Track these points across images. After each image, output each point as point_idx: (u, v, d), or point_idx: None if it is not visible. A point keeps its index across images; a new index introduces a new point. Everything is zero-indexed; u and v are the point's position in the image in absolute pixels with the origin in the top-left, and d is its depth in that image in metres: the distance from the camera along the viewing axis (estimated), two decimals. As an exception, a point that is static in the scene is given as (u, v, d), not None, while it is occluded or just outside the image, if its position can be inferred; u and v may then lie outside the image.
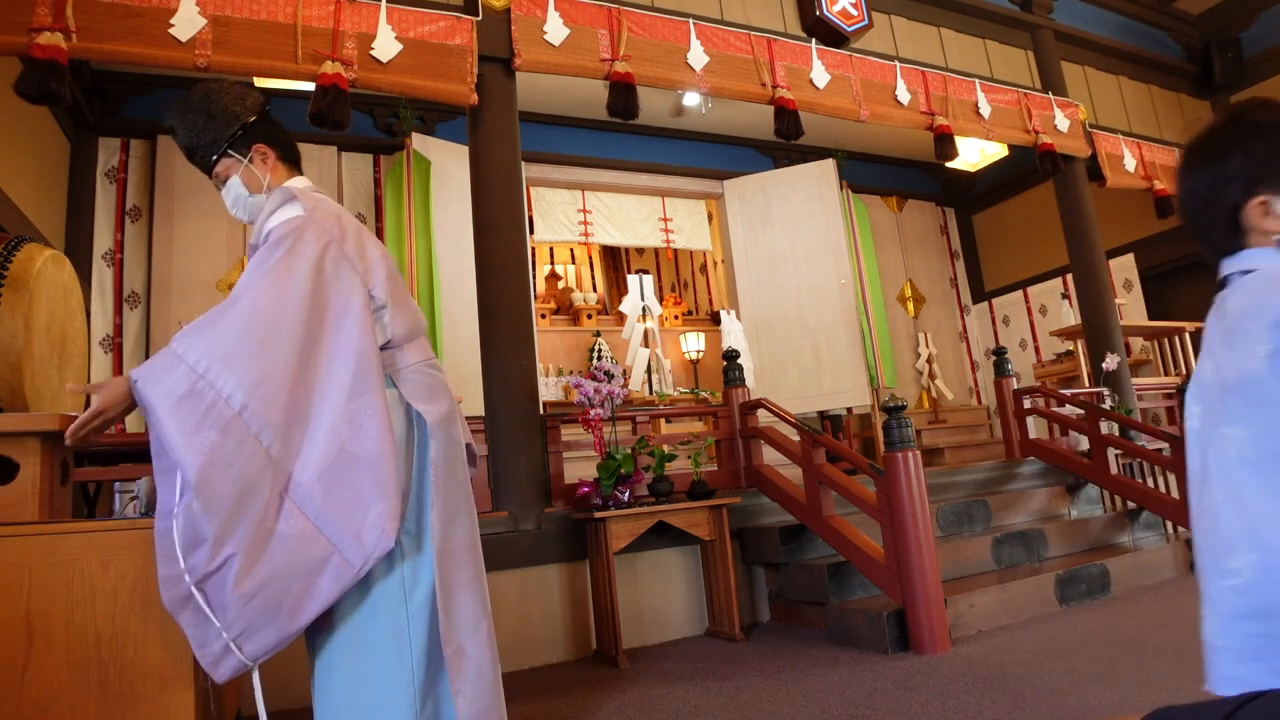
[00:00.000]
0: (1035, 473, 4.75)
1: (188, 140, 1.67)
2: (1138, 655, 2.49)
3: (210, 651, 1.37)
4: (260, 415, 1.43)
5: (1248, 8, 6.51)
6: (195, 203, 5.15)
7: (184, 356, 1.42)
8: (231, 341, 1.44)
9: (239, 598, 1.36)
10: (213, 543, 1.37)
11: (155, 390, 1.39)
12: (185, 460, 1.37)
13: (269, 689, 2.84)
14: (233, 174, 1.68)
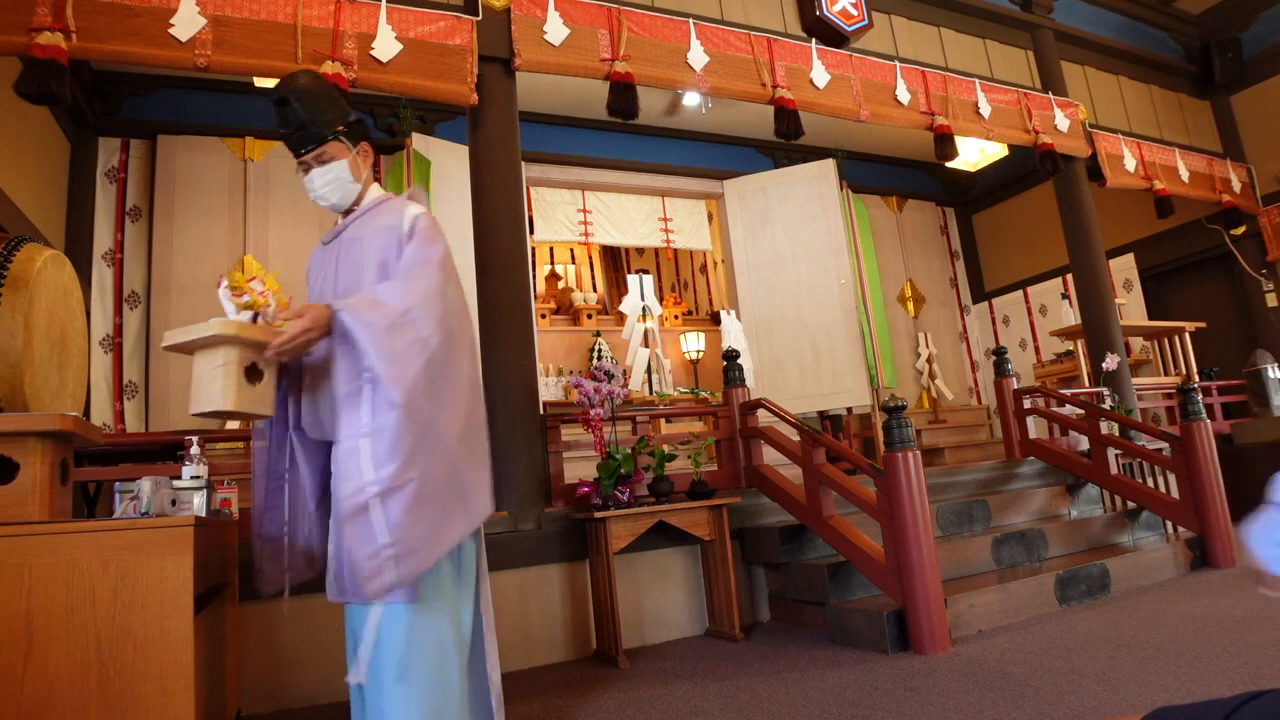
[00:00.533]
0: (1035, 473, 4.75)
1: (307, 114, 1.76)
2: (1138, 655, 2.49)
3: (374, 563, 1.50)
4: (441, 361, 1.63)
5: (1248, 8, 6.51)
6: (195, 203, 5.16)
7: (384, 299, 1.61)
8: (425, 293, 1.65)
9: (408, 520, 1.52)
10: (403, 463, 1.53)
11: (359, 320, 1.57)
12: (394, 382, 1.55)
13: (270, 690, 2.85)
14: (341, 158, 1.80)
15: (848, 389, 6.19)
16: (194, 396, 1.59)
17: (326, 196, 1.81)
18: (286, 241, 5.34)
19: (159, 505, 1.85)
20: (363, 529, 1.51)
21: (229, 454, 4.65)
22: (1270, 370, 5.87)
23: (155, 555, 1.56)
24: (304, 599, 2.94)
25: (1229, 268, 6.66)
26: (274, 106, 1.75)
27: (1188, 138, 6.45)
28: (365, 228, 1.81)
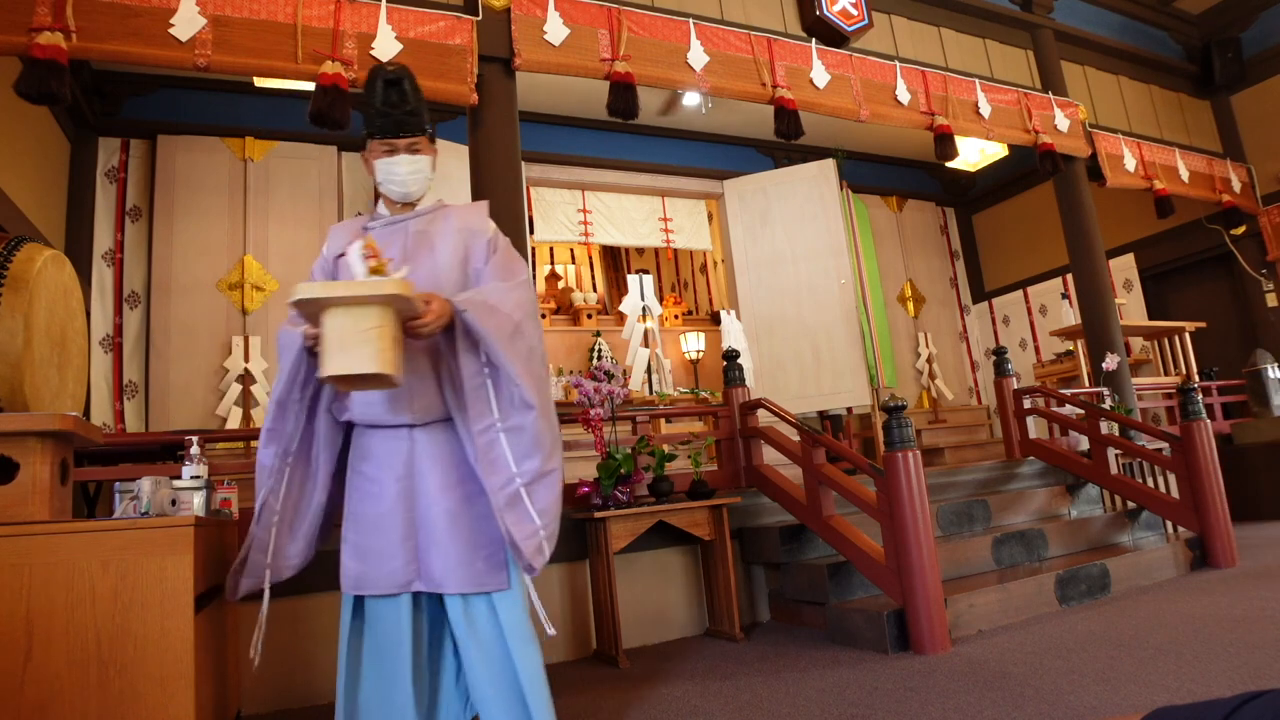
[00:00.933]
0: (1035, 473, 4.75)
1: (415, 102, 1.82)
2: (1138, 655, 2.49)
3: (534, 543, 1.68)
4: (542, 366, 1.79)
5: (1248, 8, 6.51)
6: (195, 203, 5.16)
7: (498, 306, 1.71)
8: (530, 307, 1.78)
9: (549, 506, 1.71)
10: (545, 456, 1.71)
11: (485, 326, 1.68)
12: (527, 386, 1.70)
13: (270, 690, 2.84)
14: (428, 154, 1.86)
15: (848, 389, 6.19)
16: (334, 355, 1.52)
17: (407, 184, 1.82)
18: (286, 241, 5.34)
19: (159, 505, 1.85)
20: (521, 515, 1.68)
21: (229, 454, 4.65)
22: (1270, 370, 5.87)
23: (155, 555, 1.56)
24: (304, 599, 2.95)
25: (1229, 268, 6.66)
26: (382, 84, 1.77)
27: (1188, 138, 6.45)
28: (437, 224, 1.84)
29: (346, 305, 1.53)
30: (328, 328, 1.54)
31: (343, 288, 1.57)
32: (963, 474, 4.58)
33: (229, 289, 5.14)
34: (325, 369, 1.53)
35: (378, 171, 1.83)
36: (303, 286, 1.53)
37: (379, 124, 1.80)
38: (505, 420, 1.71)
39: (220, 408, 4.95)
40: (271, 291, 5.24)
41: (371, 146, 1.83)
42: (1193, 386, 4.11)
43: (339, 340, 1.52)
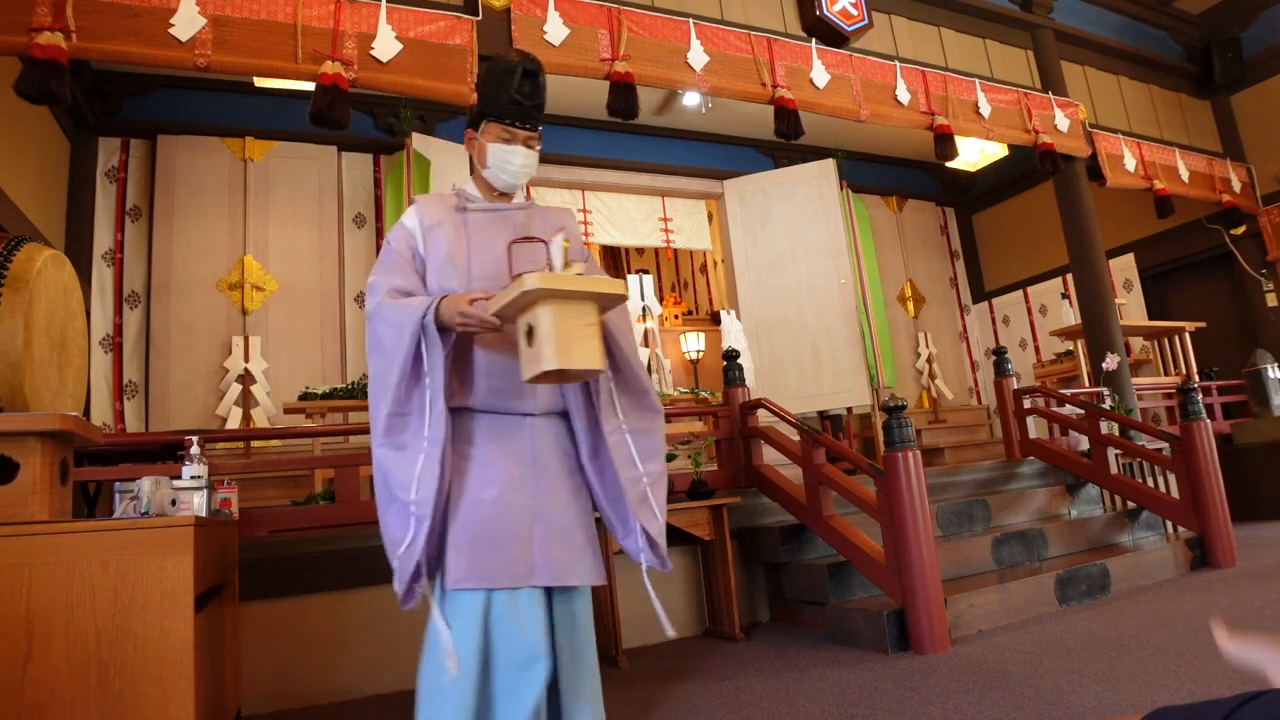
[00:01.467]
0: (1035, 473, 4.75)
1: (544, 100, 1.79)
2: (1138, 655, 2.49)
3: (662, 539, 1.74)
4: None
5: (1248, 8, 6.51)
6: (195, 203, 5.16)
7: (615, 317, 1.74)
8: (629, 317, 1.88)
9: (664, 504, 1.77)
10: (662, 459, 1.78)
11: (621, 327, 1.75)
12: (651, 391, 1.80)
13: (270, 690, 2.84)
14: (537, 150, 1.81)
15: (848, 389, 6.19)
16: (559, 350, 1.45)
17: (518, 175, 1.77)
18: (286, 241, 5.34)
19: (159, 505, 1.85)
20: (649, 513, 1.72)
21: (229, 454, 4.65)
22: (1270, 370, 5.87)
23: (155, 555, 1.56)
24: (305, 599, 2.95)
25: (1229, 268, 6.66)
26: (522, 72, 1.71)
27: (1188, 138, 6.45)
28: (536, 221, 1.81)
29: (570, 300, 1.49)
30: (547, 321, 1.46)
31: (590, 283, 1.52)
32: (963, 474, 4.58)
33: (229, 289, 5.14)
34: (547, 363, 1.45)
35: (490, 155, 1.74)
36: (541, 276, 1.45)
37: (508, 110, 1.72)
38: (633, 423, 1.75)
39: (220, 408, 4.95)
40: (271, 291, 5.25)
41: (487, 129, 1.74)
42: (1193, 386, 4.11)
43: (564, 335, 1.47)
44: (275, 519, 3.16)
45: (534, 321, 1.49)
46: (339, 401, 4.25)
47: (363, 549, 3.06)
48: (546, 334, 1.46)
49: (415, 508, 1.57)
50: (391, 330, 1.61)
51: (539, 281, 1.44)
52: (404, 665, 3.00)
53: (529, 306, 1.50)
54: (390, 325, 1.62)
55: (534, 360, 1.49)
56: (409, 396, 1.62)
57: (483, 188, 1.82)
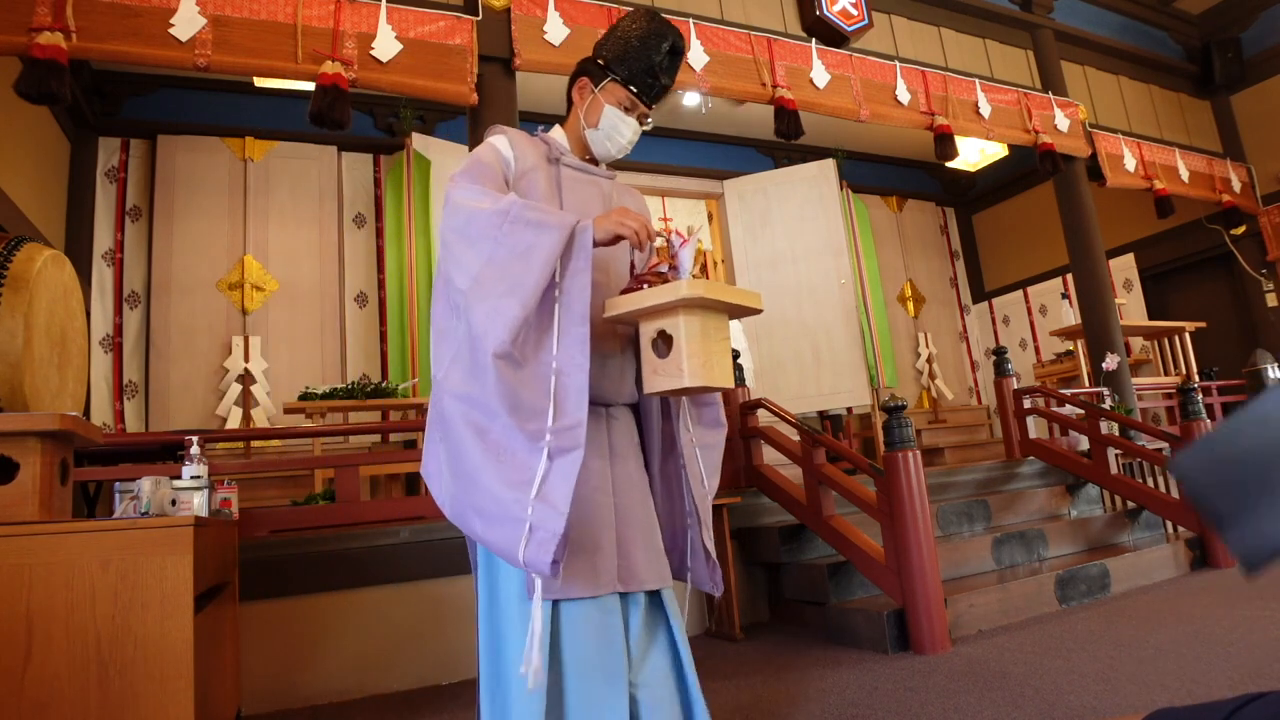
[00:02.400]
0: (1035, 473, 4.75)
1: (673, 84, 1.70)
2: (1138, 655, 2.49)
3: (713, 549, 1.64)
4: None
5: (1248, 8, 6.51)
6: (195, 203, 5.16)
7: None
8: None
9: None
10: (718, 476, 1.68)
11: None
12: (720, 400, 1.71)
13: (270, 690, 2.84)
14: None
15: (848, 389, 6.19)
16: (700, 366, 1.33)
17: (623, 148, 1.67)
18: (286, 241, 5.34)
19: (159, 505, 1.85)
20: (709, 533, 1.63)
21: (229, 454, 4.65)
22: (1270, 370, 5.87)
23: (155, 555, 1.56)
24: (305, 599, 2.95)
25: (1229, 268, 6.66)
26: (669, 49, 1.60)
27: (1188, 138, 6.45)
28: (621, 196, 1.70)
29: (711, 311, 1.38)
30: (690, 333, 1.34)
31: (739, 294, 1.40)
32: (963, 474, 4.58)
33: (229, 289, 5.14)
34: (688, 379, 1.33)
35: (604, 117, 1.60)
36: (699, 284, 1.33)
37: (642, 79, 1.59)
38: (702, 436, 1.63)
39: (220, 408, 4.95)
40: (271, 291, 5.25)
41: (609, 87, 1.60)
42: (1193, 386, 4.10)
43: (706, 350, 1.35)
44: (275, 519, 3.16)
45: (673, 331, 1.35)
46: (339, 401, 4.25)
47: (363, 549, 3.06)
48: (690, 348, 1.33)
49: (553, 438, 1.29)
50: (529, 227, 1.36)
51: (700, 289, 1.30)
52: (404, 665, 3.00)
53: (666, 313, 1.36)
54: (529, 224, 1.36)
55: (668, 373, 1.36)
56: (540, 306, 1.35)
57: (575, 143, 1.67)
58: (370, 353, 5.48)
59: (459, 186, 1.45)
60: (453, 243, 1.40)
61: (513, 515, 1.25)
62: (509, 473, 1.28)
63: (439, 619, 3.09)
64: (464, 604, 3.13)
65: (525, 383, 1.31)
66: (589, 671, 1.37)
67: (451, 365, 1.38)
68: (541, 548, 1.23)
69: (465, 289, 1.35)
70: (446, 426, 1.37)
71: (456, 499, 1.36)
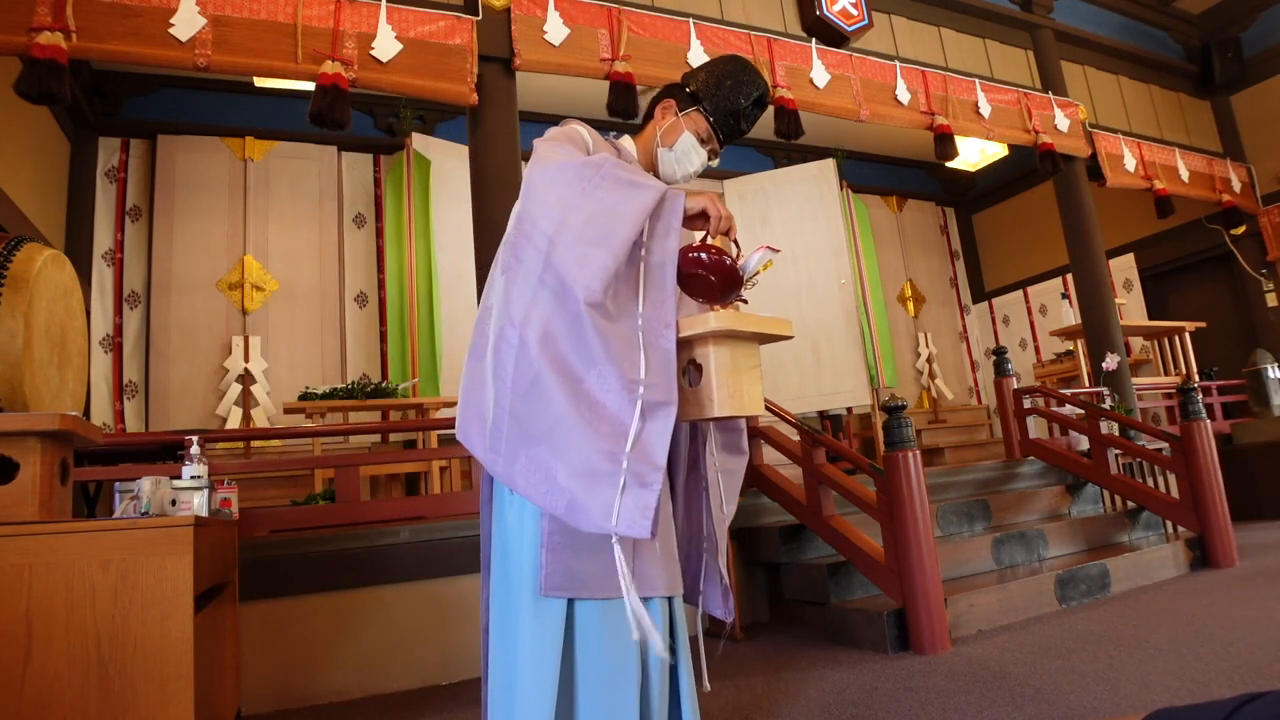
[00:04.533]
0: (1035, 473, 4.75)
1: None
2: (1138, 655, 2.49)
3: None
4: None
5: (1248, 8, 6.51)
6: (195, 203, 5.16)
7: None
8: None
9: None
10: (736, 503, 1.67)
11: None
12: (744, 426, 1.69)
13: (270, 690, 2.84)
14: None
15: (848, 389, 6.19)
16: (731, 398, 1.33)
17: (688, 177, 1.69)
18: (286, 241, 5.34)
19: (159, 505, 1.85)
20: (725, 560, 1.65)
21: (229, 454, 4.65)
22: (1270, 370, 5.87)
23: (155, 555, 1.56)
24: (305, 599, 2.95)
25: (1229, 268, 6.66)
26: (755, 100, 1.63)
27: (1188, 138, 6.45)
28: None
29: (741, 340, 1.37)
30: (720, 363, 1.33)
31: (767, 324, 1.39)
32: (963, 474, 4.58)
33: (229, 289, 5.14)
34: (718, 409, 1.32)
35: (680, 142, 1.63)
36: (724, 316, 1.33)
37: (726, 120, 1.62)
38: (724, 462, 1.60)
39: (220, 408, 4.95)
40: (271, 291, 5.25)
41: (694, 116, 1.63)
42: (1193, 386, 4.10)
43: (736, 380, 1.34)
44: (275, 519, 3.16)
45: (703, 361, 1.34)
46: (339, 401, 4.25)
47: (363, 549, 3.06)
48: (719, 378, 1.33)
49: (646, 391, 1.26)
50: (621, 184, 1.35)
51: (727, 322, 1.30)
52: (404, 665, 3.00)
53: (697, 344, 1.36)
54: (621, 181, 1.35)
55: (697, 402, 1.36)
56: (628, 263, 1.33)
57: (644, 157, 1.69)
58: (370, 353, 5.48)
59: (549, 144, 1.46)
60: (539, 187, 1.38)
61: (603, 469, 1.21)
62: (600, 425, 1.23)
63: (439, 619, 3.09)
64: (464, 604, 3.14)
65: (618, 335, 1.27)
66: (604, 674, 1.34)
67: (532, 307, 1.31)
68: (638, 505, 1.19)
69: (550, 232, 1.31)
70: (526, 374, 1.29)
71: (524, 454, 1.28)
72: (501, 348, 1.35)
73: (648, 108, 1.72)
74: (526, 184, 1.41)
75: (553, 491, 1.25)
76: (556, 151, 1.43)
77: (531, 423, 1.28)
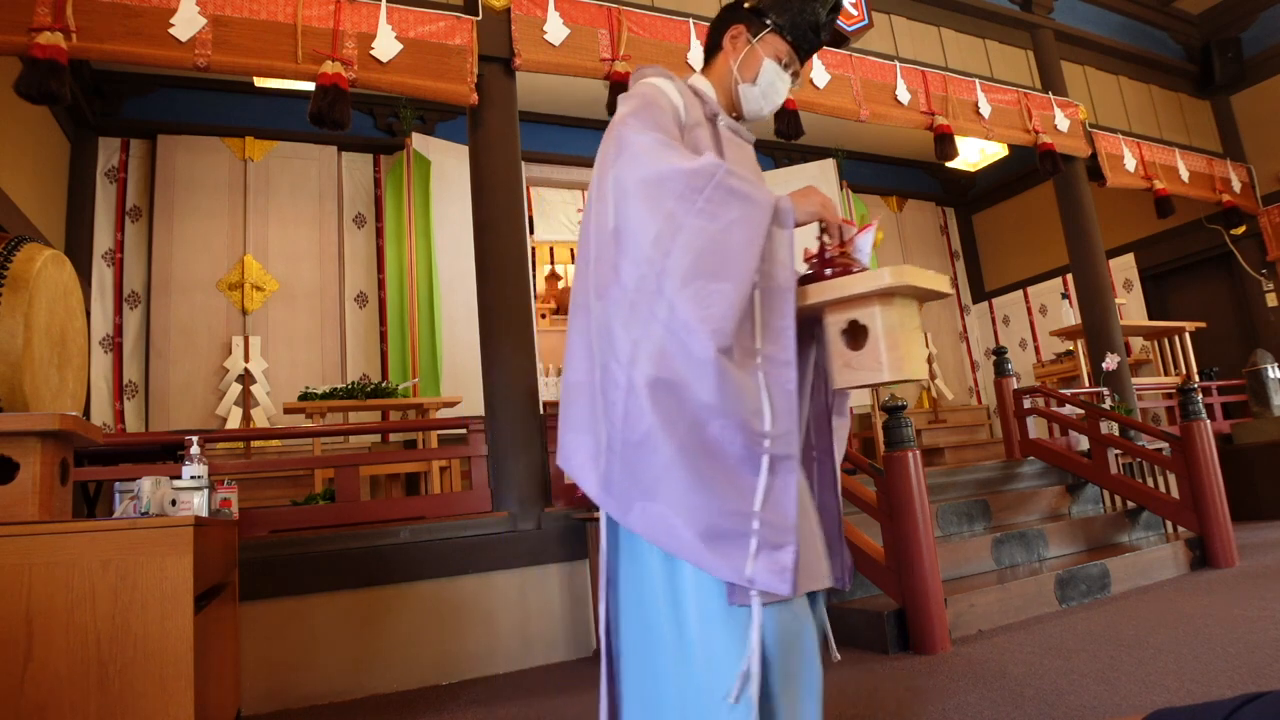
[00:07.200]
0: (1035, 473, 4.75)
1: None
2: (1138, 655, 2.49)
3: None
4: None
5: (1248, 8, 6.51)
6: (195, 203, 5.16)
7: None
8: None
9: None
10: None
11: None
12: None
13: (270, 690, 2.84)
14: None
15: (848, 389, 6.17)
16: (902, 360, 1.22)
17: (775, 106, 1.52)
18: (286, 241, 5.34)
19: (159, 505, 1.85)
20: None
21: (229, 454, 4.65)
22: (1270, 370, 5.87)
23: (155, 555, 1.56)
24: (305, 599, 2.95)
25: (1229, 268, 6.66)
26: (832, 5, 1.47)
27: (1188, 138, 6.45)
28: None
29: (901, 298, 1.26)
30: (887, 324, 1.22)
31: (934, 280, 1.26)
32: (963, 474, 4.58)
33: (229, 289, 5.14)
34: (887, 373, 1.21)
35: (763, 73, 1.46)
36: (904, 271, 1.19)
37: (804, 34, 1.45)
38: (839, 425, 1.45)
39: (220, 408, 4.95)
40: (271, 291, 5.25)
41: (769, 40, 1.45)
42: (1193, 386, 4.10)
43: (903, 340, 1.23)
44: (275, 519, 3.16)
45: (868, 321, 1.23)
46: (339, 401, 4.25)
47: (363, 549, 3.06)
48: (889, 339, 1.22)
49: (773, 444, 1.15)
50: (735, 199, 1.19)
51: (907, 277, 1.19)
52: (404, 665, 3.00)
53: (860, 303, 1.24)
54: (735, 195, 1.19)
55: (865, 367, 1.24)
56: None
57: (723, 99, 1.51)
58: (370, 353, 5.48)
59: (635, 130, 1.26)
60: (637, 196, 1.20)
61: (731, 531, 1.11)
62: (722, 483, 1.13)
63: (439, 619, 3.09)
64: (464, 604, 3.14)
65: (739, 380, 1.14)
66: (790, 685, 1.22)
67: (641, 343, 1.16)
68: (773, 569, 1.11)
69: (658, 258, 1.16)
70: (637, 424, 1.15)
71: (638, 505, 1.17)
72: (608, 388, 1.20)
73: (710, 37, 1.53)
74: (620, 186, 1.22)
75: (677, 542, 1.15)
76: (650, 144, 1.24)
77: (645, 474, 1.16)
